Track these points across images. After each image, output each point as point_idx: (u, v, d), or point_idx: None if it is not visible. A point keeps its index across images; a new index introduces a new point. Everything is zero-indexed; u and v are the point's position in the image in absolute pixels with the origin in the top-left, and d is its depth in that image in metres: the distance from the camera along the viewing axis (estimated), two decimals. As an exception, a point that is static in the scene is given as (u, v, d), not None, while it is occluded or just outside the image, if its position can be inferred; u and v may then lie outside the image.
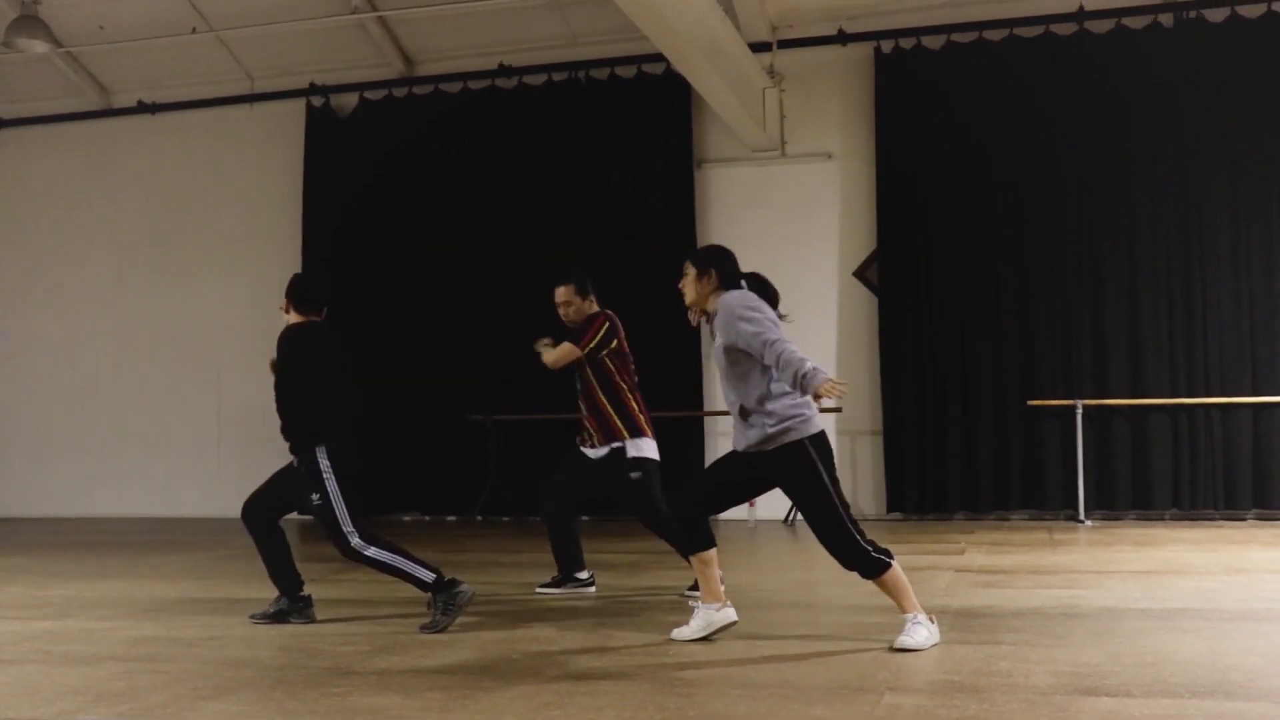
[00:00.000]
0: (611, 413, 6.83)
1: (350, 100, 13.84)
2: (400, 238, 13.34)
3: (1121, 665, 4.58)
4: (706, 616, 5.30)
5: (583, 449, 7.02)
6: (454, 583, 5.69)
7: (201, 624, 6.04)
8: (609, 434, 6.81)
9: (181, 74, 14.32)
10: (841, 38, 12.38)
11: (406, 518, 13.06)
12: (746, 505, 11.91)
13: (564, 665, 4.81)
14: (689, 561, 5.55)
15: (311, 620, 5.96)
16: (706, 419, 12.50)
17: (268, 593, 6.15)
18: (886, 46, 12.21)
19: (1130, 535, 9.92)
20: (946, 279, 11.85)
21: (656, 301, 12.51)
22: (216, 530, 11.87)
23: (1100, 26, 11.71)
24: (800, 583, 7.74)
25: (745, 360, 5.11)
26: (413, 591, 5.87)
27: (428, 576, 5.70)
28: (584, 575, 7.14)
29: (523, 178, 12.95)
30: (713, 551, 5.39)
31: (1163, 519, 11.24)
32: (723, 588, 5.37)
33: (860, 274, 12.32)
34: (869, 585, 6.53)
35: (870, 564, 4.97)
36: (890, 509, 11.89)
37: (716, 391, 12.47)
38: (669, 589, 7.14)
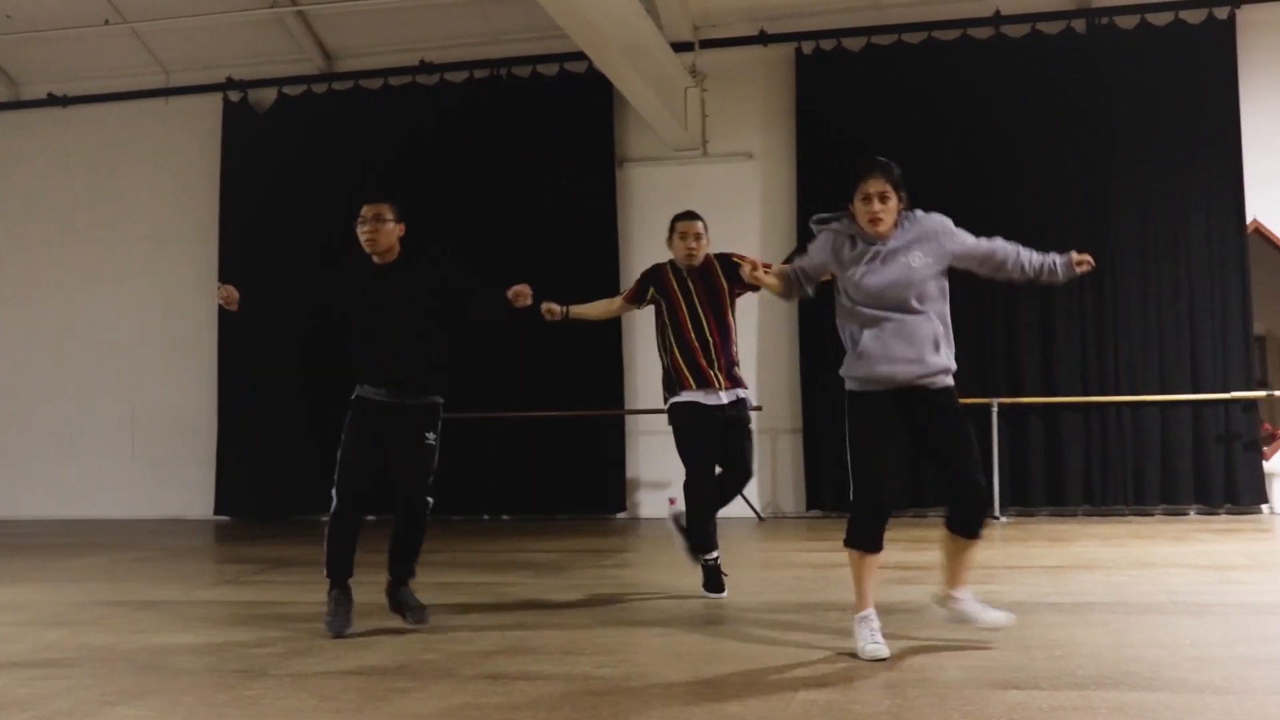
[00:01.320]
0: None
1: (269, 96, 13.67)
2: (319, 235, 13.17)
3: (1031, 658, 4.66)
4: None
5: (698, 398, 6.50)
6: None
7: (111, 628, 5.93)
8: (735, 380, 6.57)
9: (94, 66, 14.05)
10: (763, 38, 12.46)
11: (324, 518, 12.87)
12: (668, 502, 11.99)
13: (481, 665, 4.80)
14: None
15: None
16: (628, 418, 12.50)
17: (182, 595, 6.05)
18: (807, 47, 12.32)
19: (1043, 531, 10.09)
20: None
21: (577, 300, 12.53)
22: (130, 532, 11.68)
23: (1016, 31, 11.91)
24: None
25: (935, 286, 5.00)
26: (325, 594, 5.80)
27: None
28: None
29: (444, 176, 12.87)
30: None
31: (1075, 515, 11.45)
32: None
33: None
34: (786, 583, 6.55)
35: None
36: (810, 506, 11.99)
37: (638, 390, 12.52)
38: (589, 587, 7.13)
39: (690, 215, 6.82)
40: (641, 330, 12.60)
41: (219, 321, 13.42)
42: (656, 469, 12.41)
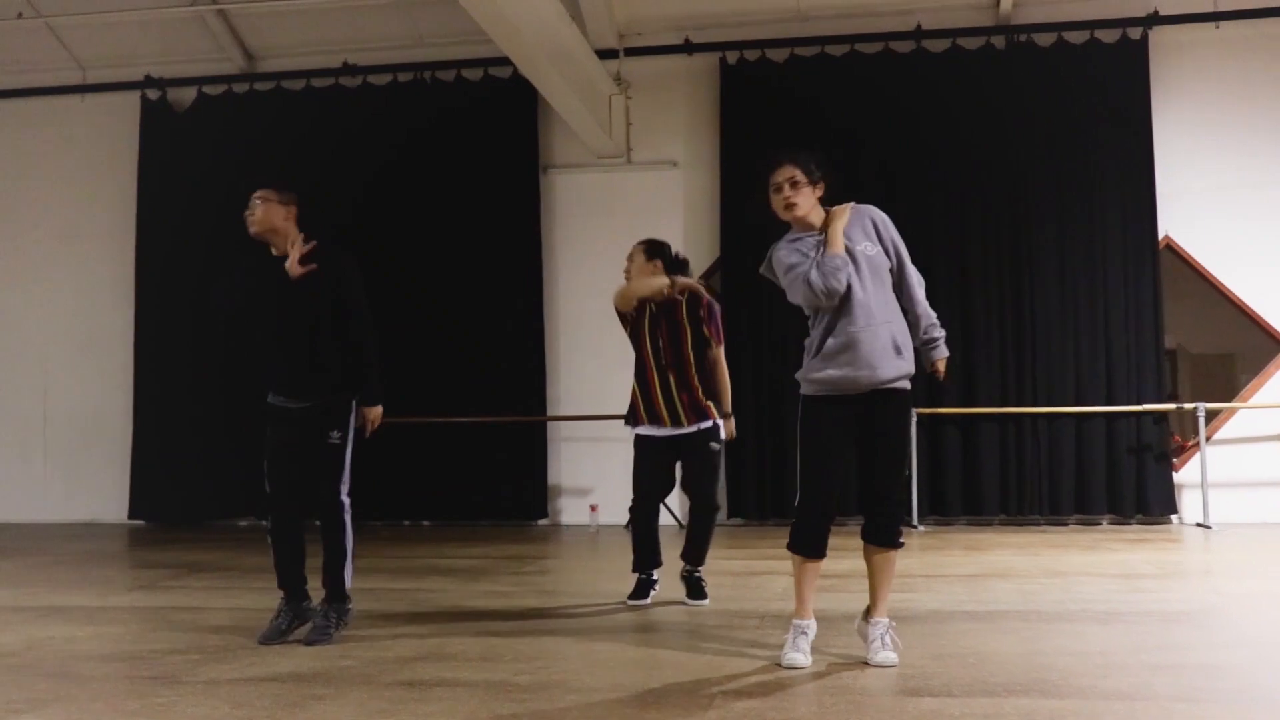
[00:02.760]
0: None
1: (188, 94, 13.46)
2: (239, 237, 12.98)
3: (945, 666, 4.73)
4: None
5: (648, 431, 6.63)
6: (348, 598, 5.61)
7: (19, 633, 5.81)
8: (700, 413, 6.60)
9: (7, 61, 13.72)
10: (688, 47, 12.52)
11: (243, 522, 12.76)
12: (589, 509, 12.00)
13: (398, 672, 4.77)
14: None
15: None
16: (550, 424, 12.48)
17: (94, 600, 5.94)
18: (732, 57, 12.39)
19: (960, 540, 10.22)
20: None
21: (500, 305, 12.53)
22: (41, 536, 11.44)
23: (936, 46, 12.08)
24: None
25: (886, 278, 4.92)
26: (245, 599, 5.74)
27: (349, 580, 5.58)
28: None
29: (366, 179, 12.76)
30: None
31: (992, 524, 11.62)
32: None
33: (703, 281, 12.43)
34: (708, 591, 6.57)
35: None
36: (731, 514, 12.02)
37: (561, 395, 12.51)
38: (509, 594, 7.11)
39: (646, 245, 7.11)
40: (564, 336, 12.62)
41: (135, 322, 13.20)
42: (578, 475, 12.40)
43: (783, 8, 12.32)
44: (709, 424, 6.58)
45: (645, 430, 6.61)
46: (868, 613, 4.97)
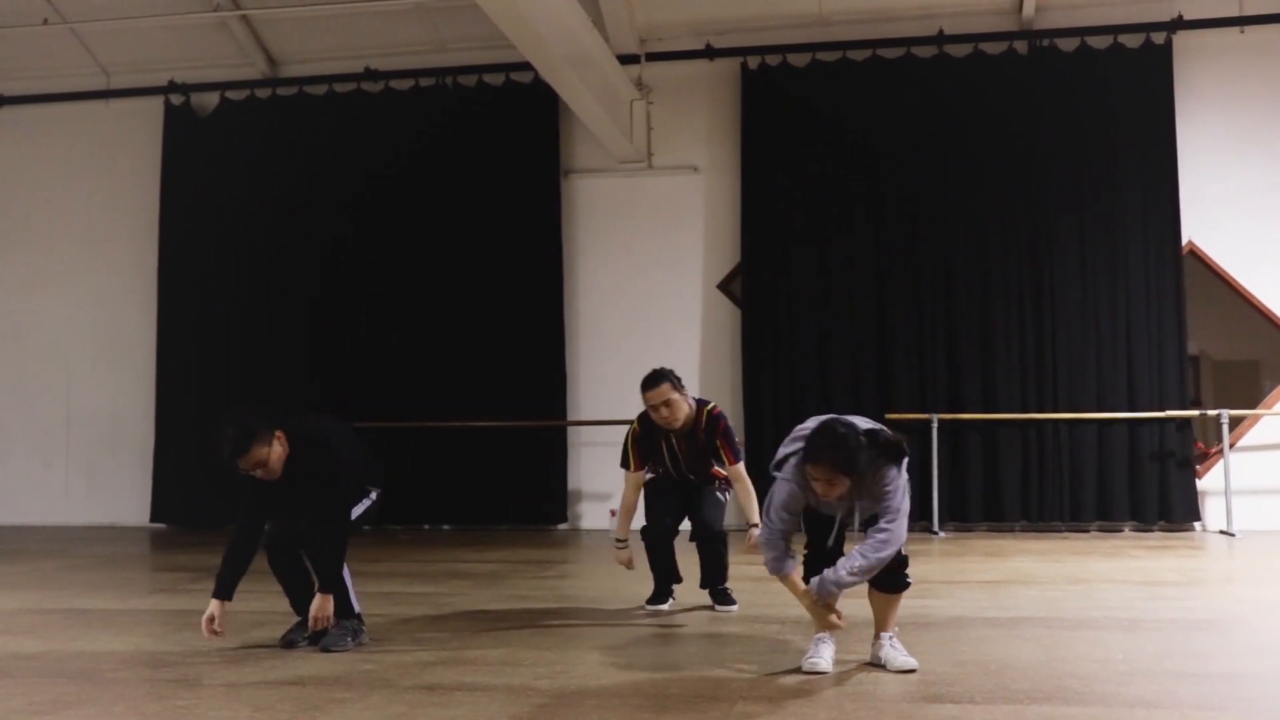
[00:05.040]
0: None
1: (211, 100, 13.53)
2: (262, 241, 13.09)
3: (966, 673, 4.70)
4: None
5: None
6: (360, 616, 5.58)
7: (41, 636, 5.84)
8: None
9: (32, 66, 13.84)
10: (709, 52, 12.52)
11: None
12: (609, 514, 11.99)
13: (418, 676, 4.77)
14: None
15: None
16: (570, 429, 12.48)
17: (115, 603, 5.96)
18: (753, 62, 12.38)
19: (981, 546, 10.18)
20: (807, 293, 12.03)
21: (520, 310, 12.54)
22: (63, 539, 11.51)
23: (959, 51, 12.05)
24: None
25: None
26: (262, 603, 5.75)
27: (356, 604, 5.51)
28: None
29: (388, 184, 12.82)
30: None
31: (1012, 530, 11.57)
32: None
33: (724, 286, 12.45)
34: (735, 597, 6.57)
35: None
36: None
37: (580, 400, 12.52)
38: (528, 598, 7.11)
39: (651, 382, 6.44)
40: (585, 341, 12.62)
41: (157, 326, 13.27)
42: (597, 480, 12.40)
43: (804, 13, 12.31)
44: (720, 479, 6.60)
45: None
46: (876, 635, 4.92)
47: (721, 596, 6.58)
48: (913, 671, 4.70)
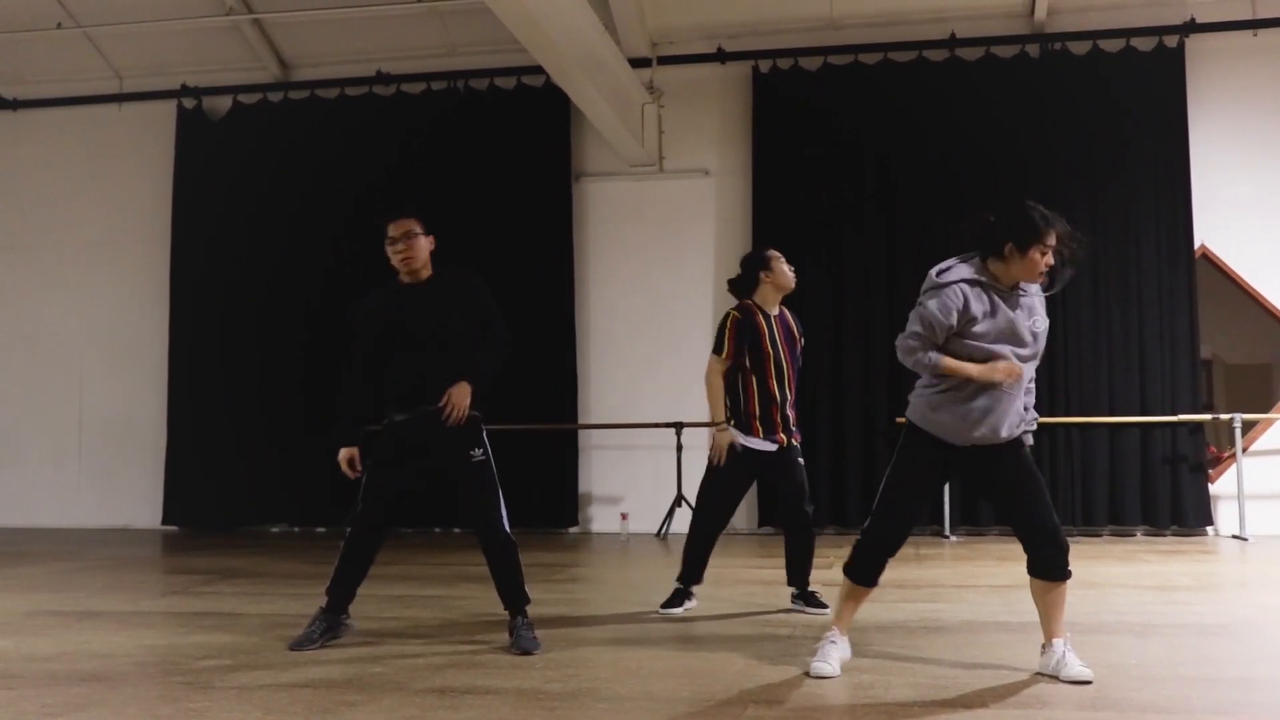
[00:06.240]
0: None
1: (224, 103, 13.57)
2: (273, 244, 13.12)
3: (978, 677, 4.69)
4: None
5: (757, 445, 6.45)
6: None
7: (53, 638, 5.85)
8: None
9: (46, 70, 13.91)
10: (720, 56, 12.52)
11: (275, 528, 12.84)
12: (620, 517, 11.99)
13: (429, 679, 4.77)
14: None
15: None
16: (581, 432, 12.49)
17: (127, 605, 5.97)
18: (764, 66, 12.39)
19: (993, 550, 10.15)
20: (819, 296, 12.02)
21: (532, 313, 12.54)
22: (76, 541, 11.54)
23: (971, 54, 12.04)
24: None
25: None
26: (274, 605, 5.76)
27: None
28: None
29: (399, 187, 12.83)
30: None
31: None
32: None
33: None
34: (737, 599, 6.60)
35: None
36: (762, 523, 12.00)
37: (592, 403, 12.51)
38: (539, 601, 7.10)
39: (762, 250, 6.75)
40: (596, 344, 12.62)
41: (169, 329, 13.30)
42: (609, 483, 12.41)
43: (816, 16, 12.31)
44: (799, 437, 6.56)
45: (757, 444, 6.42)
46: (1045, 643, 4.78)
47: (812, 600, 6.49)
48: (1088, 683, 4.51)
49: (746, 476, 6.58)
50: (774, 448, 6.42)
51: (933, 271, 4.88)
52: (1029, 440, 4.90)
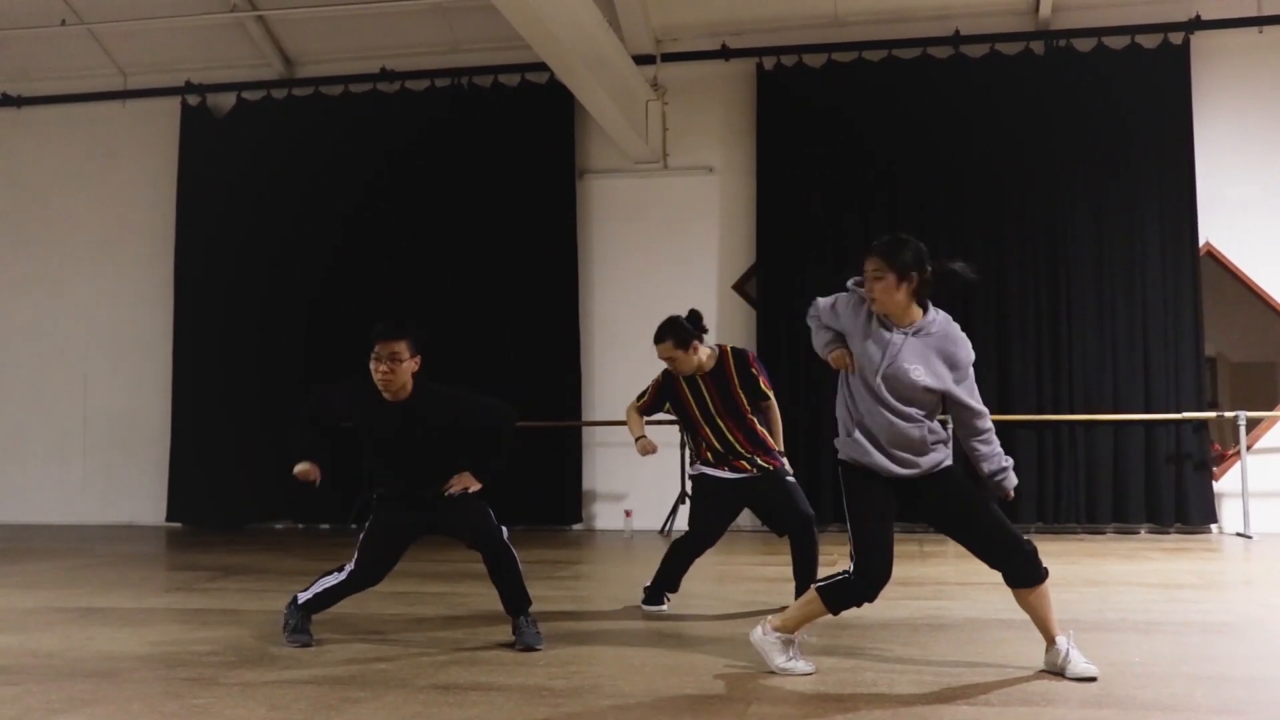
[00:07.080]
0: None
1: (228, 100, 13.57)
2: (277, 241, 13.11)
3: (981, 674, 4.69)
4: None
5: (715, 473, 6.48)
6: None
7: (58, 634, 5.86)
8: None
9: (50, 67, 13.90)
10: (724, 53, 12.51)
11: (279, 525, 12.85)
12: (623, 514, 11.99)
13: (433, 675, 4.78)
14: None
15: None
16: (585, 429, 12.49)
17: (131, 602, 5.98)
18: (768, 63, 12.37)
19: (996, 548, 10.12)
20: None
21: (536, 310, 12.54)
22: (80, 538, 11.55)
23: (975, 51, 12.01)
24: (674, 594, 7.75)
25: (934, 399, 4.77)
26: (278, 602, 5.76)
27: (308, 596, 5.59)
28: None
29: (404, 184, 12.84)
30: None
31: (1028, 532, 11.50)
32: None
33: (739, 287, 12.44)
34: (740, 597, 6.60)
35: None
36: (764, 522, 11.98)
37: (595, 400, 12.51)
38: (543, 598, 7.10)
39: (659, 335, 6.66)
40: (600, 341, 12.62)
41: (173, 326, 13.30)
42: (612, 481, 12.41)
43: (820, 13, 12.30)
44: (779, 463, 6.45)
45: (712, 472, 6.42)
46: (1048, 645, 4.76)
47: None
48: (1093, 680, 4.52)
49: (733, 500, 6.48)
50: (736, 476, 6.38)
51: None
52: (1010, 485, 4.89)
